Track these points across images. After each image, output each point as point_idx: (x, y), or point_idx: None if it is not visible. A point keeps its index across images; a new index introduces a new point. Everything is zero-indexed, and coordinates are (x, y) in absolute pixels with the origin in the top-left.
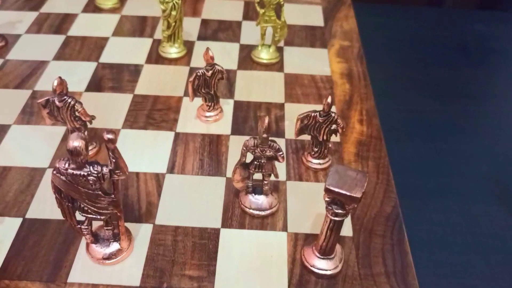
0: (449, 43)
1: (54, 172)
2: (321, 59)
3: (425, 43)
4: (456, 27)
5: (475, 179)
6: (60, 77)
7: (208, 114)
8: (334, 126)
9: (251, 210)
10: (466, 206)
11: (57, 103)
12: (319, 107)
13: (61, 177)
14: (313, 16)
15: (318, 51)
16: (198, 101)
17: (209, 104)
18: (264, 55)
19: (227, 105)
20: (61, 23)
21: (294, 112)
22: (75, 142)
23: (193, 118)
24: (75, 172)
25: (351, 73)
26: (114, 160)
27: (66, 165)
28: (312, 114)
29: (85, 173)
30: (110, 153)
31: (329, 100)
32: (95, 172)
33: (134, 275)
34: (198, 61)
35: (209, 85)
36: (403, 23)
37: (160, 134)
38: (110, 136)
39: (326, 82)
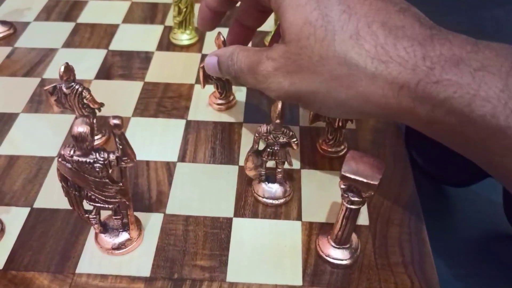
0: (468, 29)
1: (60, 159)
2: None
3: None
4: (474, 12)
5: None
6: (67, 63)
7: (220, 101)
8: None
9: (264, 199)
10: (487, 193)
11: (64, 89)
12: None
13: (67, 164)
14: None
15: None
16: (210, 88)
17: (221, 91)
18: None
19: (240, 92)
20: (70, 10)
21: None
22: (80, 127)
23: (205, 106)
24: (80, 159)
25: None
26: (121, 147)
27: (71, 152)
28: None
29: (91, 160)
30: (116, 139)
31: None
32: (102, 159)
33: (144, 265)
34: (210, 47)
35: None
36: (421, 9)
37: (171, 122)
38: (116, 121)
39: None
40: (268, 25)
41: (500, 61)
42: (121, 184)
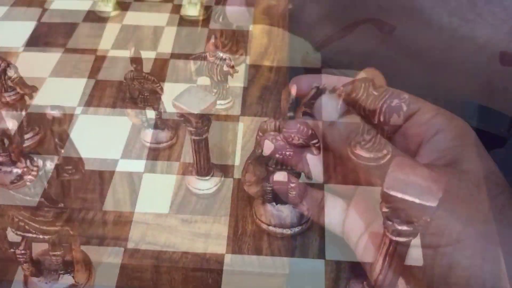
0: None
1: None
2: None
3: None
4: None
5: None
6: None
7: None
8: (396, 102)
9: (271, 227)
10: None
11: None
12: None
13: None
14: None
15: None
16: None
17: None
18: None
19: (236, 72)
20: None
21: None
22: (4, 122)
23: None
24: (3, 168)
25: None
26: (62, 151)
27: None
28: (363, 85)
29: (20, 170)
30: (57, 140)
31: None
32: (35, 168)
33: None
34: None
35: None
36: None
37: (135, 114)
38: (55, 113)
39: None
40: None
41: None
42: (62, 205)
